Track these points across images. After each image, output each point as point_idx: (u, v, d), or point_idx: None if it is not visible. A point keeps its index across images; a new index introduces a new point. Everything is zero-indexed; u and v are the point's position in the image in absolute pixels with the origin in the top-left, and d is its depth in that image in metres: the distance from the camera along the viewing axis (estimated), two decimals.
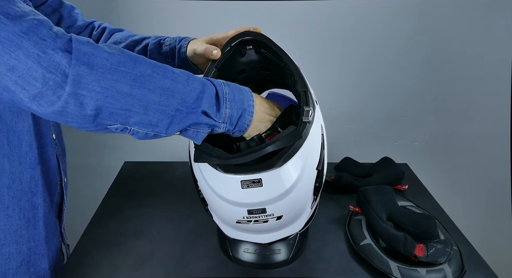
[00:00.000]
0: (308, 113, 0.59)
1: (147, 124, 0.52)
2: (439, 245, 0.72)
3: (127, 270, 0.73)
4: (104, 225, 0.86)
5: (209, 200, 0.66)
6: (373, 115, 1.35)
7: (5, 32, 0.43)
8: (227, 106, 0.57)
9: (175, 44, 0.78)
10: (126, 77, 0.49)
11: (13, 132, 0.65)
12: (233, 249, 0.75)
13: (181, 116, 0.53)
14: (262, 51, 0.72)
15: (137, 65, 0.50)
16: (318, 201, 0.72)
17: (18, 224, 0.68)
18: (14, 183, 0.67)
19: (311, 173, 0.62)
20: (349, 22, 1.22)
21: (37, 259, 0.72)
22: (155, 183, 1.04)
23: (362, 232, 0.79)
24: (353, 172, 1.02)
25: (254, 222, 0.62)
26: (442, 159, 1.41)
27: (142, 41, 0.80)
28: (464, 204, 1.40)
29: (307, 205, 0.67)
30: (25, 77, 0.44)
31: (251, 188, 0.57)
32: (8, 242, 0.67)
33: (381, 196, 0.82)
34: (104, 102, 0.47)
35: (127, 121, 0.50)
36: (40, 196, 0.71)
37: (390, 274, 0.70)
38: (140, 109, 0.50)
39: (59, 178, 0.78)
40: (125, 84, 0.48)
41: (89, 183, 1.34)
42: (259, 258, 0.74)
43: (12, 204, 0.67)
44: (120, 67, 0.48)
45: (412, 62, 1.28)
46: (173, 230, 0.84)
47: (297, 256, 0.76)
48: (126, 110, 0.49)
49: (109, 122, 0.50)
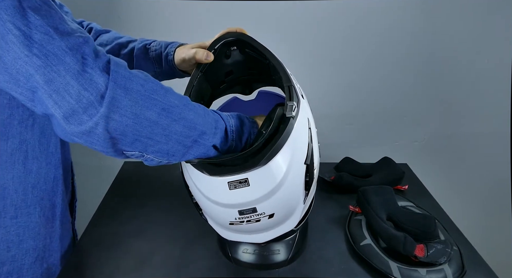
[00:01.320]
0: (292, 108, 0.59)
1: (165, 153, 0.53)
2: (439, 245, 0.72)
3: (127, 270, 0.73)
4: (104, 225, 0.86)
5: (201, 204, 0.67)
6: (373, 115, 1.35)
7: (52, 46, 0.44)
8: (233, 139, 0.60)
9: (161, 50, 0.77)
10: (157, 106, 0.49)
11: (44, 134, 0.67)
12: (232, 250, 0.75)
13: (197, 148, 0.56)
14: (247, 51, 0.71)
15: (168, 94, 0.51)
16: (313, 197, 0.72)
17: (37, 222, 0.70)
18: (39, 183, 0.68)
19: (299, 168, 0.61)
20: (348, 22, 1.22)
21: (51, 255, 0.74)
22: (155, 183, 1.05)
23: (362, 232, 0.79)
24: (353, 172, 1.02)
25: (247, 222, 0.62)
26: (442, 159, 1.41)
27: (128, 44, 0.80)
28: (464, 204, 1.40)
29: (299, 201, 0.66)
30: (60, 92, 0.44)
31: (239, 188, 0.58)
32: (26, 239, 0.69)
33: (381, 196, 0.82)
34: (131, 129, 0.48)
35: (146, 149, 0.51)
36: (60, 196, 0.73)
37: (390, 274, 0.70)
38: (162, 138, 0.51)
39: (71, 176, 0.80)
40: (154, 112, 0.49)
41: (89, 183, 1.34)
42: (258, 258, 0.74)
43: (34, 203, 0.68)
44: (152, 95, 0.49)
45: (412, 62, 1.28)
46: (173, 230, 0.84)
47: (297, 256, 0.76)
48: (149, 139, 0.50)
49: (128, 148, 0.50)
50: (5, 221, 0.66)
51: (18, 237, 0.68)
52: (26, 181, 0.66)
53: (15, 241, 0.67)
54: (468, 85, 1.31)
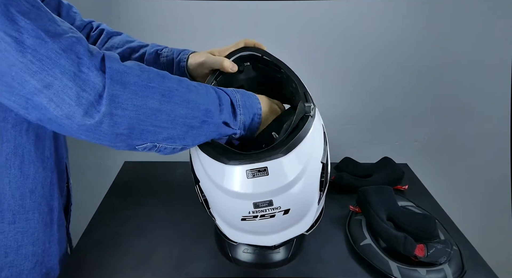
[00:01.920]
0: (310, 108, 0.61)
1: (176, 138, 0.54)
2: (439, 245, 0.72)
3: (127, 270, 0.73)
4: (104, 225, 0.86)
5: (212, 199, 0.65)
6: (373, 115, 1.35)
7: (45, 49, 0.43)
8: (241, 112, 0.60)
9: (172, 57, 0.77)
10: (156, 93, 0.50)
11: (39, 138, 0.66)
12: (232, 250, 0.75)
13: (207, 127, 0.56)
14: (260, 66, 0.73)
15: (165, 80, 0.52)
16: (324, 202, 0.71)
17: (36, 227, 0.69)
18: (37, 188, 0.67)
19: (316, 165, 0.62)
20: (349, 23, 1.22)
21: (50, 260, 0.73)
22: (155, 183, 1.05)
23: (362, 232, 0.79)
24: (353, 172, 1.02)
25: (261, 217, 0.60)
26: (442, 159, 1.41)
27: (140, 49, 0.79)
28: (464, 204, 1.40)
29: (314, 200, 0.65)
30: (60, 95, 0.44)
31: (257, 177, 0.56)
32: (25, 244, 0.68)
33: (381, 196, 0.82)
34: (136, 120, 0.48)
35: (156, 138, 0.52)
36: (56, 200, 0.73)
37: (390, 274, 0.70)
38: (169, 123, 0.51)
39: (66, 180, 0.79)
40: (155, 100, 0.50)
41: (89, 183, 1.34)
42: (258, 257, 0.73)
43: (32, 208, 0.67)
44: (150, 83, 0.50)
45: (413, 62, 1.27)
46: (173, 230, 0.84)
47: (296, 254, 0.76)
48: (156, 127, 0.50)
49: (139, 141, 0.51)
50: (3, 227, 0.65)
51: (16, 242, 0.67)
52: (23, 186, 0.65)
53: (13, 246, 0.66)
54: (468, 85, 1.31)
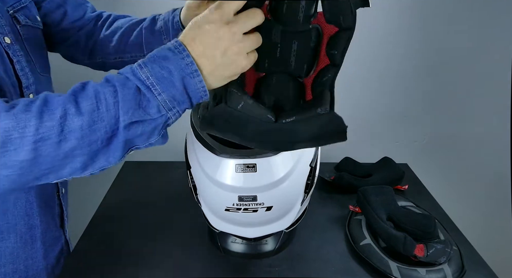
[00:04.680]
0: None
1: (85, 167, 0.46)
2: (439, 245, 0.72)
3: (127, 270, 0.73)
4: (104, 225, 0.86)
5: (200, 186, 0.66)
6: (373, 115, 1.35)
7: None
8: (157, 92, 0.44)
9: (168, 17, 0.75)
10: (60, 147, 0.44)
11: None
12: (222, 240, 0.76)
13: (116, 140, 0.45)
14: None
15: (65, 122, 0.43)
16: (308, 203, 0.73)
17: (13, 246, 0.66)
18: (9, 209, 0.65)
19: (304, 168, 0.64)
20: None
21: (36, 274, 0.71)
22: (155, 183, 1.05)
23: (362, 232, 0.79)
24: (353, 172, 1.02)
25: (244, 210, 0.63)
26: (442, 159, 1.41)
27: (141, 23, 0.78)
28: (464, 204, 1.39)
29: (297, 200, 0.67)
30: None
31: (245, 172, 0.58)
32: (3, 263, 0.66)
33: (381, 196, 0.82)
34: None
35: (60, 175, 0.46)
36: (37, 217, 0.69)
37: (390, 274, 0.70)
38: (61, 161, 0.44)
39: (55, 190, 0.76)
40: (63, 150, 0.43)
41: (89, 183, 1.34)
42: (247, 248, 0.75)
43: (7, 228, 0.65)
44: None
45: (413, 62, 1.27)
46: (172, 230, 0.85)
47: (284, 247, 0.77)
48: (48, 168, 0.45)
49: (50, 180, 0.46)
50: None
51: None
52: None
53: None
54: (468, 85, 1.31)
